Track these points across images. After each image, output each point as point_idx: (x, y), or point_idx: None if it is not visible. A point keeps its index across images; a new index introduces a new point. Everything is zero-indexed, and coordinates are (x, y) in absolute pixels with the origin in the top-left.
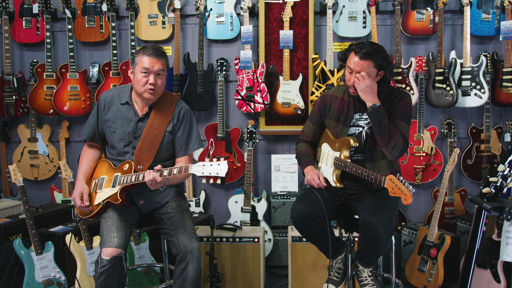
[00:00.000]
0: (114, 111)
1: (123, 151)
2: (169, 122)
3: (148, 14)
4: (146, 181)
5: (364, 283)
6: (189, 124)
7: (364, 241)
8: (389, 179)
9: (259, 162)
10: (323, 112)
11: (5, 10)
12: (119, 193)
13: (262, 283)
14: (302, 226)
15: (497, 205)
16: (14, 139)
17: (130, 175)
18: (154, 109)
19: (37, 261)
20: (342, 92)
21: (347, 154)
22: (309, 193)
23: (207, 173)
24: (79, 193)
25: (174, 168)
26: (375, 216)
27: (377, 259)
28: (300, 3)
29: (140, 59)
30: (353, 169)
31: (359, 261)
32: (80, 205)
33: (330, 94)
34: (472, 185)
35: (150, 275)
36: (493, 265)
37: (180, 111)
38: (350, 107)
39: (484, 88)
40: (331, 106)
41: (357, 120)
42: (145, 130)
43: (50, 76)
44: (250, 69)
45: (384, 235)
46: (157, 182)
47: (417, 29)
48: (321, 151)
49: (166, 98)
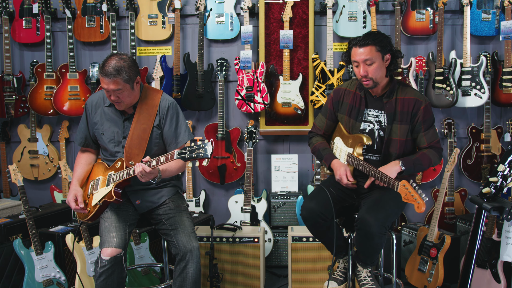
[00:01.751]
0: (100, 113)
1: (114, 151)
2: (156, 115)
3: (148, 14)
4: (137, 173)
5: (363, 282)
6: (176, 116)
7: (358, 237)
8: (402, 184)
9: (259, 162)
10: (336, 106)
11: (5, 10)
12: (113, 190)
13: (262, 283)
14: (310, 223)
15: (497, 205)
16: (14, 139)
17: (122, 171)
18: (138, 105)
19: (37, 261)
20: (355, 87)
21: (360, 152)
22: (320, 191)
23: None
24: (73, 196)
25: (161, 157)
26: (370, 214)
27: (373, 258)
28: (300, 3)
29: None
30: (366, 168)
31: (357, 260)
32: (75, 207)
33: (343, 88)
34: (472, 185)
35: (150, 275)
36: (493, 265)
37: (165, 103)
38: (362, 101)
39: (484, 88)
40: (344, 100)
41: (368, 115)
42: (133, 125)
43: (50, 76)
44: (250, 69)
45: (376, 234)
46: (147, 173)
47: (417, 29)
48: (334, 144)
49: (149, 94)
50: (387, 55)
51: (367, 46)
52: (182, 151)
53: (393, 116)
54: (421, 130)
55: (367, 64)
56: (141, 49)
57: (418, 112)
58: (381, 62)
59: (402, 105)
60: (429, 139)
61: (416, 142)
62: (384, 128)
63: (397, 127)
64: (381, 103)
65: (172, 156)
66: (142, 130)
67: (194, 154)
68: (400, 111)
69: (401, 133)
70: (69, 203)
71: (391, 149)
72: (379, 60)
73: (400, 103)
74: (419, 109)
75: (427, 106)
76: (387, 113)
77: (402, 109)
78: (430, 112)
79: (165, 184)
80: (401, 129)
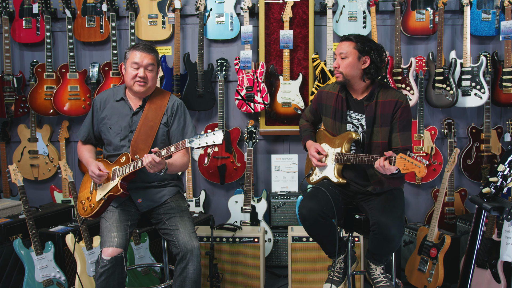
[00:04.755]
0: (109, 108)
1: (119, 145)
2: (164, 114)
3: (148, 14)
4: (145, 164)
5: (378, 280)
6: (184, 116)
7: (376, 242)
8: (399, 157)
9: (259, 162)
10: (320, 108)
11: (5, 10)
12: (119, 184)
13: (262, 283)
14: (310, 223)
15: (497, 205)
16: (14, 139)
17: (128, 165)
18: (148, 102)
19: (37, 261)
20: (337, 89)
21: (348, 148)
22: (318, 191)
23: (204, 144)
24: (95, 165)
25: (171, 146)
26: (386, 216)
27: (389, 256)
28: (300, 3)
29: (130, 54)
30: (358, 158)
31: (371, 260)
32: (99, 173)
33: (325, 91)
34: (472, 185)
35: (150, 275)
36: (493, 265)
37: (174, 104)
38: (344, 103)
39: (484, 88)
40: (327, 103)
41: (351, 117)
42: (140, 121)
43: (50, 76)
44: (250, 69)
45: (396, 234)
46: (156, 163)
47: (417, 29)
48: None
49: (159, 93)
50: (365, 57)
51: (347, 41)
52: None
53: (373, 119)
54: (396, 130)
55: (341, 57)
56: None
57: (399, 110)
58: (355, 61)
59: (383, 108)
60: (404, 141)
61: (389, 143)
62: (366, 131)
63: (377, 130)
64: (362, 106)
65: (183, 145)
66: (149, 127)
67: (205, 143)
68: (381, 114)
69: (383, 135)
70: (93, 171)
71: (374, 152)
72: (354, 58)
73: (381, 106)
74: (400, 108)
75: (407, 107)
76: (367, 117)
77: (383, 111)
78: (408, 114)
79: (167, 184)
80: (382, 132)
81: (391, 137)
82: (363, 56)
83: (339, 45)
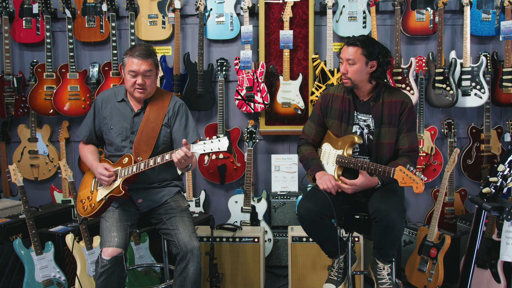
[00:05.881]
0: (111, 108)
1: (120, 146)
2: (165, 115)
3: (148, 14)
4: (178, 158)
5: (382, 281)
6: (185, 116)
7: (378, 231)
8: (398, 169)
9: (259, 162)
10: (325, 111)
11: (5, 10)
12: (121, 185)
13: (262, 283)
14: (308, 223)
15: (497, 205)
16: (14, 139)
17: (130, 167)
18: (149, 104)
19: (37, 261)
20: (342, 91)
21: (350, 152)
22: (316, 191)
23: (209, 150)
24: (102, 166)
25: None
26: (385, 203)
27: (395, 249)
28: (300, 3)
29: (127, 62)
30: (358, 164)
31: (378, 256)
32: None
33: (330, 93)
34: (472, 185)
35: (150, 275)
36: (493, 265)
37: (175, 104)
38: (351, 105)
39: (484, 88)
40: (333, 105)
41: (358, 119)
42: (142, 123)
43: (50, 76)
44: (250, 69)
45: (397, 219)
46: (188, 157)
47: (417, 29)
48: (321, 151)
49: (160, 94)
50: (373, 62)
51: (354, 47)
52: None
53: (380, 119)
54: (404, 131)
55: (349, 63)
56: None
57: (404, 112)
58: (363, 66)
59: (389, 108)
60: (411, 141)
61: (397, 143)
62: (373, 131)
63: (385, 130)
64: (368, 107)
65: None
66: (151, 128)
67: (210, 149)
68: (388, 114)
69: (390, 136)
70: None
71: (381, 152)
72: (362, 63)
73: (387, 106)
74: (405, 109)
75: (412, 107)
76: (374, 117)
77: (390, 111)
78: (413, 114)
79: (167, 184)
80: (390, 132)
81: (398, 138)
82: (370, 61)
83: (345, 49)
